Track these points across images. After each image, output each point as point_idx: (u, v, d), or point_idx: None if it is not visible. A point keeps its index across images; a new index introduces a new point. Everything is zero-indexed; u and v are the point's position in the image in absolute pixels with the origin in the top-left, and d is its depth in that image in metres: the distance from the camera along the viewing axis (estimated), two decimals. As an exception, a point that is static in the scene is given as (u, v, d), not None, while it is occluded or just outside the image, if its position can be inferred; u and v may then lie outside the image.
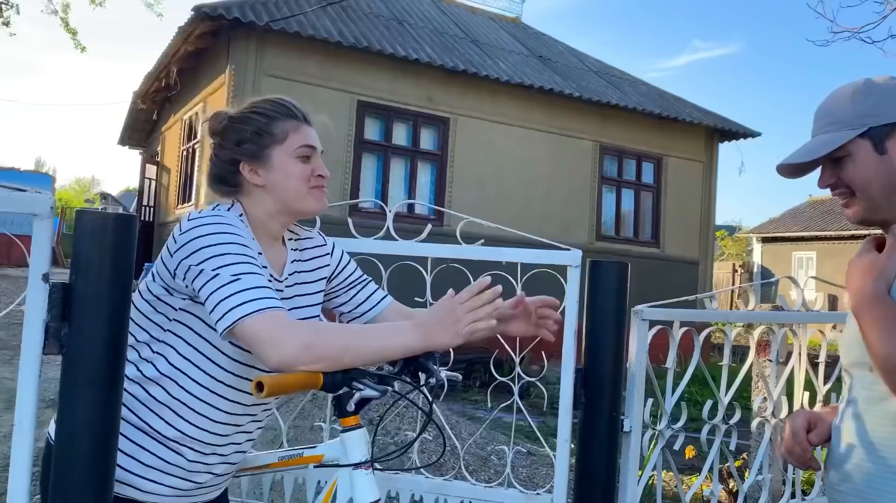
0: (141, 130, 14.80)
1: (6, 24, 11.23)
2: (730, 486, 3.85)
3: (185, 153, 10.88)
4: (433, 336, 1.34)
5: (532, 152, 10.48)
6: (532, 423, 2.08)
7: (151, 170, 13.22)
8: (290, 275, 1.58)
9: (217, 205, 1.54)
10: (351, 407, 1.48)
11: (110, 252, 1.29)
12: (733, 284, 21.52)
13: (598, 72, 12.69)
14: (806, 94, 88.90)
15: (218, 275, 1.35)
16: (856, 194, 1.32)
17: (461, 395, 7.70)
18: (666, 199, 11.73)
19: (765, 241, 24.49)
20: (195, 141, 10.23)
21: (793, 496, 2.47)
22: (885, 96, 1.30)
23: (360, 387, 1.41)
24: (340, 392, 1.41)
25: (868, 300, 1.25)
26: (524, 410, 1.99)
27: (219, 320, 1.33)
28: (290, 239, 1.63)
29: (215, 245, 1.38)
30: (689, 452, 3.98)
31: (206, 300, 1.36)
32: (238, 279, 1.34)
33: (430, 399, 1.54)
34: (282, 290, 1.55)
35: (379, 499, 1.48)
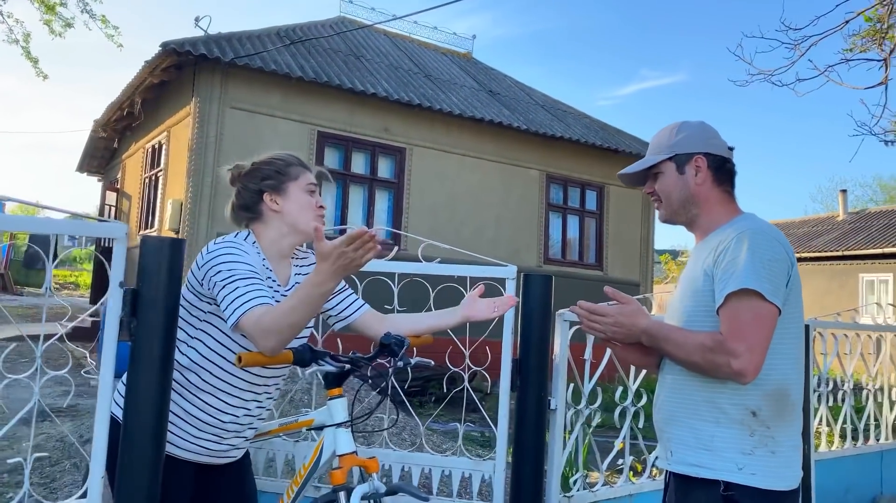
0: (100, 158, 14.97)
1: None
2: (641, 459, 4.39)
3: (147, 180, 11.15)
4: (335, 274, 1.67)
5: (483, 180, 11.11)
6: (479, 404, 2.59)
7: (111, 196, 13.40)
8: (292, 286, 2.08)
9: (237, 233, 2.02)
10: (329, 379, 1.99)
11: (166, 266, 1.77)
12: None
13: (545, 105, 13.47)
14: (742, 125, 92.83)
15: (226, 285, 1.84)
16: (662, 201, 1.86)
17: (418, 411, 8.14)
18: (608, 225, 12.48)
19: (706, 264, 25.67)
20: (158, 169, 10.53)
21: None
22: (689, 134, 1.84)
23: (323, 363, 1.90)
24: (309, 366, 1.90)
25: (653, 334, 1.73)
26: (472, 392, 2.50)
27: (228, 317, 1.82)
28: (293, 257, 2.13)
29: (227, 263, 1.88)
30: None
31: (220, 303, 1.85)
32: (238, 287, 1.83)
33: (389, 378, 2.04)
34: (286, 296, 2.04)
35: (355, 451, 1.96)
